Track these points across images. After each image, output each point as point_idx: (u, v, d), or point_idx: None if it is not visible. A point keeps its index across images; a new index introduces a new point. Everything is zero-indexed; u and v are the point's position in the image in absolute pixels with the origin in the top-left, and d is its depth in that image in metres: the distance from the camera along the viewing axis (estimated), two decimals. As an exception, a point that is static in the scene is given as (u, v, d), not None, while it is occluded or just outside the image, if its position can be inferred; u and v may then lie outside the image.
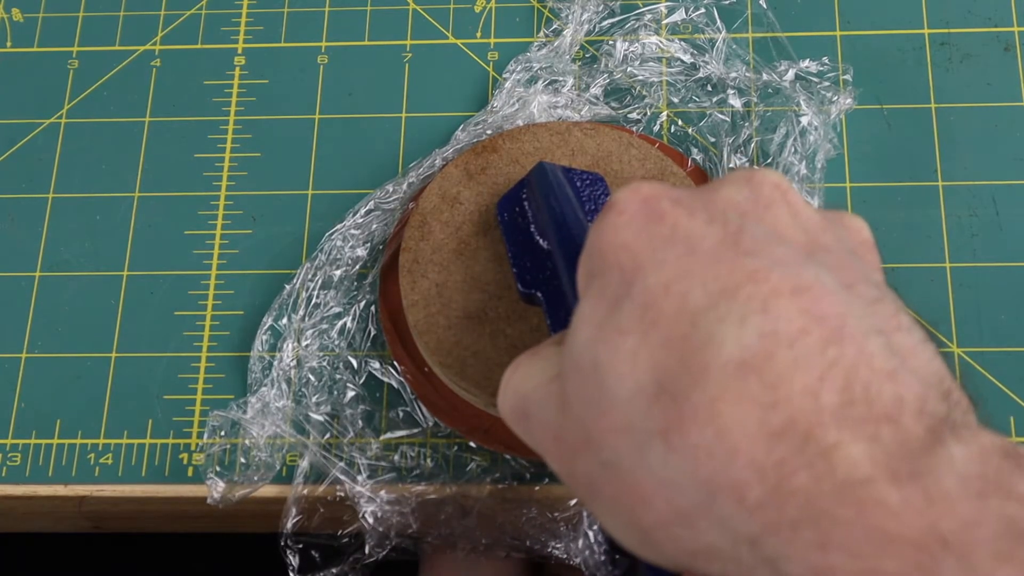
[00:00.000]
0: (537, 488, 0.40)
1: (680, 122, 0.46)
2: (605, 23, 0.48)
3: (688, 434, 0.22)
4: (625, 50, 0.47)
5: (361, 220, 0.43)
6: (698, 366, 0.22)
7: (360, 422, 0.41)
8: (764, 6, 0.47)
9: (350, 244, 0.43)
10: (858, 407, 0.21)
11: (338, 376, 0.42)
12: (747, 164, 0.44)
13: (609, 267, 0.25)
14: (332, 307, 0.43)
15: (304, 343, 0.42)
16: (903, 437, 0.21)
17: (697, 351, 0.23)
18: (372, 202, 0.44)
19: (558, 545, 0.39)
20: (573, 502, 0.39)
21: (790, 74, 0.46)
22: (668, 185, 0.27)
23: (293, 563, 0.40)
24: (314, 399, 0.42)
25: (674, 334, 0.23)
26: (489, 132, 0.45)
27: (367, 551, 0.40)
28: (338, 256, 0.43)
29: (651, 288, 0.24)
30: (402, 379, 0.42)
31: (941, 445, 0.21)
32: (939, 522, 0.20)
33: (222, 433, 0.42)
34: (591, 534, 0.38)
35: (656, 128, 0.46)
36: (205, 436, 0.42)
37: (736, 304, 0.23)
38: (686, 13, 0.47)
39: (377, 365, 0.42)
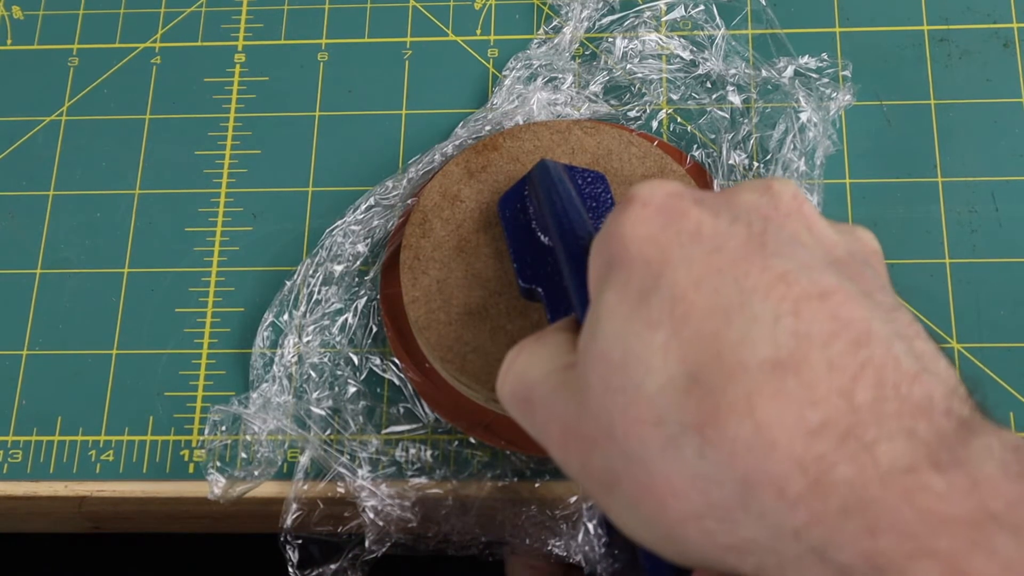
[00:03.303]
0: (537, 485, 0.40)
1: (679, 119, 0.46)
2: (605, 20, 0.48)
3: (725, 428, 0.22)
4: (624, 47, 0.47)
5: (362, 216, 0.44)
6: (733, 362, 0.23)
7: (361, 418, 0.41)
8: (763, 3, 0.48)
9: (351, 240, 0.43)
10: (891, 404, 0.22)
11: (339, 372, 0.42)
12: (747, 161, 0.45)
13: (632, 259, 0.26)
14: (333, 303, 0.43)
15: (305, 339, 0.42)
16: (938, 430, 0.22)
17: (732, 348, 0.23)
18: (373, 198, 0.44)
19: (558, 543, 0.39)
20: (573, 499, 0.39)
21: (789, 71, 0.46)
22: (689, 186, 0.27)
23: (292, 558, 0.40)
24: (315, 395, 0.42)
25: (706, 329, 0.24)
26: (489, 129, 0.45)
27: (366, 547, 0.40)
28: (339, 252, 0.43)
29: (681, 282, 0.24)
30: (403, 375, 0.42)
31: (975, 436, 0.22)
32: (987, 501, 0.20)
33: (223, 429, 0.42)
34: (590, 527, 0.38)
35: (655, 125, 0.46)
36: (206, 431, 0.42)
37: (769, 303, 0.23)
38: (685, 10, 0.47)
39: (378, 361, 0.42)
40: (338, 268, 0.43)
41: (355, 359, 0.42)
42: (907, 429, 0.21)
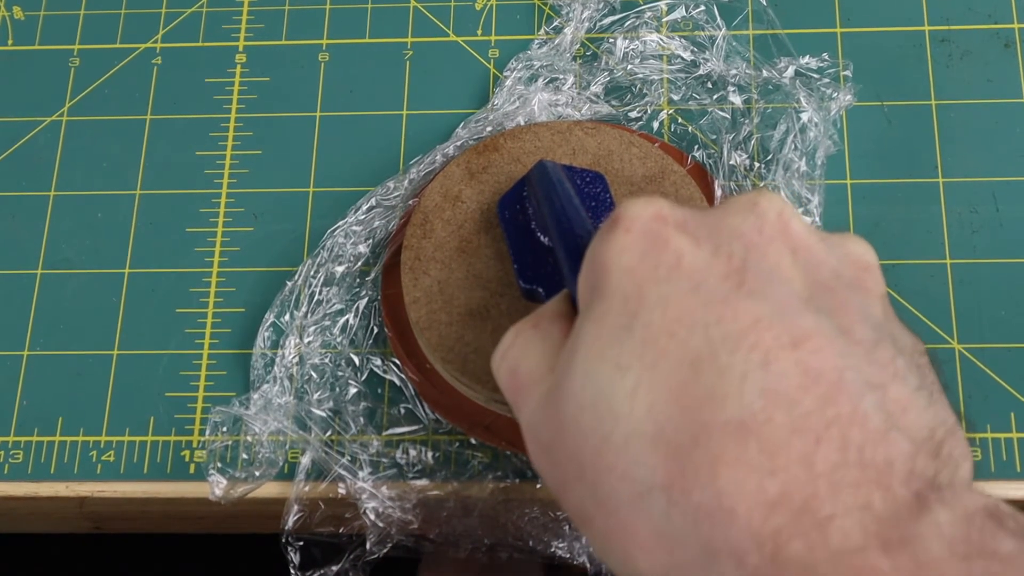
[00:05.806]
0: (539, 486, 0.40)
1: (681, 120, 0.46)
2: (606, 20, 0.48)
3: (690, 492, 0.22)
4: (625, 48, 0.47)
5: (363, 217, 0.44)
6: (699, 422, 0.23)
7: (362, 419, 0.41)
8: (764, 3, 0.48)
9: (352, 240, 0.43)
10: (852, 472, 0.22)
11: (340, 373, 0.42)
12: (748, 161, 0.44)
13: (612, 290, 0.25)
14: (334, 304, 0.43)
15: (306, 340, 0.42)
16: (892, 504, 0.22)
17: (698, 404, 0.23)
18: (374, 199, 0.44)
19: (561, 545, 0.39)
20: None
21: (790, 71, 0.46)
22: (674, 203, 0.27)
23: (294, 560, 0.40)
24: (316, 396, 0.42)
25: (674, 380, 0.23)
26: (490, 129, 0.45)
27: (368, 548, 0.40)
28: (340, 252, 0.43)
29: (654, 325, 0.24)
30: (403, 376, 0.42)
31: (927, 511, 0.21)
32: None
33: (224, 430, 0.42)
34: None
35: (656, 126, 0.46)
36: (207, 432, 0.42)
37: (738, 356, 0.23)
38: (686, 10, 0.47)
39: (379, 362, 0.42)
40: (339, 269, 0.43)
41: (356, 360, 0.42)
42: (863, 503, 0.21)
